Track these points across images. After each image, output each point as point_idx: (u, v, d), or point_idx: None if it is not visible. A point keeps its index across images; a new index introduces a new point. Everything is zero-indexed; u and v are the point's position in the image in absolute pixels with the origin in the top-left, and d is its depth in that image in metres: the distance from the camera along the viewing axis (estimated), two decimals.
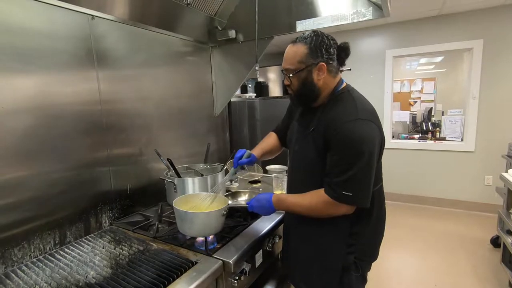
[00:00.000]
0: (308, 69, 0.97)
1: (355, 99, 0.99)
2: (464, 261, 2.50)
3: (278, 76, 5.12)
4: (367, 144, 0.91)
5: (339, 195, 0.93)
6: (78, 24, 1.24)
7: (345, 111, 0.96)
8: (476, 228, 3.12)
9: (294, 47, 0.99)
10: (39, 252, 1.11)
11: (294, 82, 1.00)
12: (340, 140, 0.92)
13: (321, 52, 0.96)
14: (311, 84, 0.99)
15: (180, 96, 1.85)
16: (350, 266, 1.03)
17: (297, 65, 0.98)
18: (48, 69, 1.14)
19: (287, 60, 1.01)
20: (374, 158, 0.93)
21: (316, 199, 0.98)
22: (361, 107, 0.97)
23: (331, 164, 0.95)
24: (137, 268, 0.93)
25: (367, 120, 0.93)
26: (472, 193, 3.56)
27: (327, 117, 0.99)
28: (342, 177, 0.91)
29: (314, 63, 0.96)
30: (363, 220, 1.03)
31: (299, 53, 0.97)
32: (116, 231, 1.25)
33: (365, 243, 1.06)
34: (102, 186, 1.37)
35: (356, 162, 0.90)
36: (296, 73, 0.98)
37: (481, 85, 3.38)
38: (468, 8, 3.25)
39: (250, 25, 1.87)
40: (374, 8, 1.58)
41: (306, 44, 0.96)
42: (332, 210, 0.97)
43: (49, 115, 1.14)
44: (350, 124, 0.92)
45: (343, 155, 0.92)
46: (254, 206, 1.11)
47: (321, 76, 0.98)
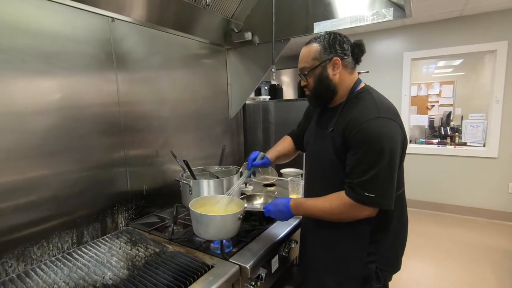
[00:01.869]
0: (323, 65, 0.98)
1: (375, 98, 0.97)
2: (489, 273, 2.38)
3: (292, 79, 5.10)
4: (388, 142, 0.88)
5: (361, 197, 0.89)
6: (99, 27, 1.26)
7: (365, 110, 0.93)
8: (500, 238, 2.97)
9: (308, 46, 1.02)
10: (58, 251, 1.12)
11: (310, 80, 1.02)
12: (360, 139, 0.89)
13: (334, 47, 0.98)
14: (327, 79, 0.99)
15: (196, 98, 1.85)
16: (371, 276, 0.99)
17: (311, 63, 0.99)
18: (71, 71, 1.16)
19: (301, 59, 1.03)
20: (397, 157, 0.90)
21: (337, 202, 0.95)
22: (382, 105, 0.94)
23: (351, 164, 0.92)
24: (153, 270, 0.92)
25: (388, 119, 0.90)
26: (496, 201, 3.40)
27: (346, 116, 0.96)
28: (364, 177, 0.88)
29: (328, 58, 0.98)
30: (384, 227, 0.99)
31: (313, 51, 0.99)
32: (132, 232, 1.25)
33: (386, 251, 1.01)
34: (119, 186, 1.38)
35: (378, 161, 0.87)
36: (311, 70, 1.00)
37: (505, 88, 3.24)
38: (492, 9, 3.13)
39: (266, 27, 1.86)
40: (395, 9, 1.53)
41: (317, 42, 0.99)
42: (354, 212, 0.92)
43: (70, 116, 1.16)
44: (370, 122, 0.89)
45: (363, 154, 0.89)
46: (271, 211, 1.09)
47: (336, 71, 0.99)
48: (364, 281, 0.99)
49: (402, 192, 1.04)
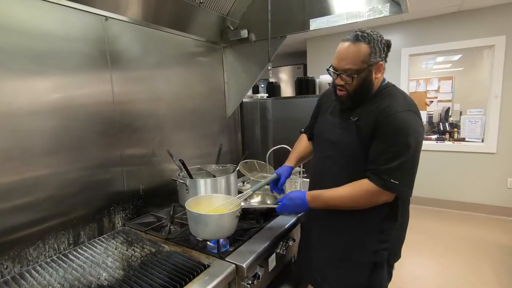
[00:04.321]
0: (369, 69, 0.96)
1: (402, 92, 1.03)
2: (488, 268, 2.38)
3: (290, 76, 5.08)
4: (415, 135, 0.93)
5: (386, 182, 0.93)
6: (93, 26, 1.25)
7: (396, 103, 0.97)
8: (499, 233, 2.98)
9: (355, 46, 0.95)
10: (54, 252, 1.12)
11: (354, 82, 0.98)
12: (392, 129, 0.93)
13: (380, 51, 0.96)
14: (370, 83, 0.99)
15: (193, 96, 1.84)
16: (382, 263, 1.02)
17: (360, 65, 0.95)
18: (64, 71, 1.15)
19: (348, 59, 0.96)
20: (420, 150, 0.96)
21: (358, 189, 0.97)
22: (409, 100, 0.99)
23: (378, 151, 0.95)
24: (149, 270, 0.91)
25: (416, 114, 0.96)
26: (494, 197, 3.40)
27: (377, 107, 0.98)
28: (391, 164, 0.92)
29: (375, 62, 0.96)
30: (393, 217, 1.03)
31: (362, 53, 0.94)
32: (129, 232, 1.25)
33: (394, 239, 1.06)
34: (115, 186, 1.37)
35: (405, 151, 0.92)
36: (357, 73, 0.96)
37: (503, 83, 3.23)
38: (490, 4, 3.11)
39: (262, 25, 1.85)
40: (391, 4, 1.52)
41: (367, 43, 0.94)
42: (375, 199, 0.96)
43: (65, 116, 1.15)
44: (402, 114, 0.93)
45: (393, 143, 0.93)
46: (287, 205, 1.07)
47: (378, 75, 0.99)
48: (374, 267, 1.02)
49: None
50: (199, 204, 1.17)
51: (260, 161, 2.11)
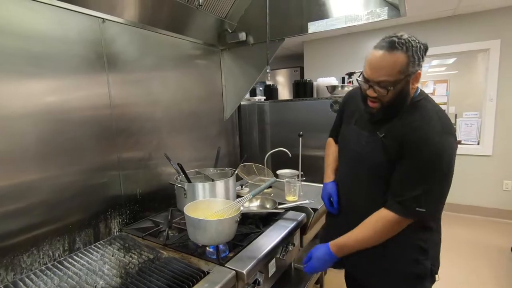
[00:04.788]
0: (407, 79, 0.87)
1: (435, 107, 0.93)
2: (486, 271, 2.39)
3: (287, 79, 5.09)
4: (448, 160, 0.86)
5: (412, 211, 0.88)
6: (89, 28, 1.23)
7: (427, 121, 0.89)
8: (495, 235, 2.99)
9: (392, 55, 0.85)
10: (48, 258, 1.09)
11: (389, 94, 0.88)
12: (423, 155, 0.86)
13: (418, 59, 0.87)
14: (407, 94, 0.90)
15: (190, 99, 1.83)
16: (426, 274, 0.99)
17: (396, 76, 0.86)
18: (60, 73, 1.13)
19: (383, 70, 0.86)
20: (452, 174, 0.89)
21: (381, 226, 0.93)
22: (443, 119, 0.90)
23: (405, 176, 0.90)
24: (147, 278, 0.89)
25: (450, 135, 0.87)
26: (490, 199, 3.42)
27: (405, 123, 0.91)
28: (417, 191, 0.87)
29: (413, 72, 0.87)
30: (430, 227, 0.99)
31: (399, 63, 0.85)
32: (126, 237, 1.22)
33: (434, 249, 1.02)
34: (112, 190, 1.35)
35: (436, 177, 0.87)
36: (394, 84, 0.87)
37: (498, 86, 3.26)
38: (485, 8, 3.15)
39: (260, 27, 1.84)
40: (389, 8, 1.53)
41: (404, 51, 0.84)
42: (398, 227, 0.92)
43: (60, 119, 1.13)
44: (434, 137, 0.86)
45: (422, 168, 0.87)
46: (317, 267, 1.03)
47: (415, 85, 0.91)
48: (418, 279, 0.98)
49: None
50: (197, 209, 1.15)
51: (258, 165, 2.10)
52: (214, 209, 1.18)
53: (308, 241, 1.65)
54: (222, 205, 1.19)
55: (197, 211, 1.13)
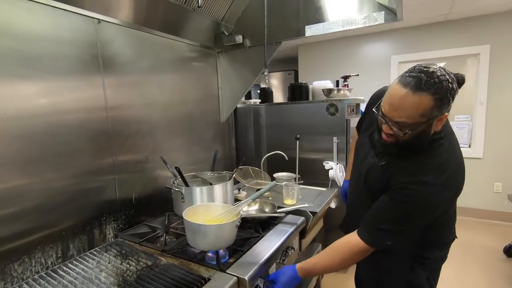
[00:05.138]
0: (429, 123, 0.78)
1: (443, 153, 0.85)
2: (479, 272, 2.42)
3: (281, 82, 5.10)
4: (427, 212, 0.86)
5: (379, 243, 0.90)
6: (85, 29, 1.20)
7: (426, 166, 0.84)
8: (487, 236, 3.04)
9: (416, 97, 0.74)
10: (41, 267, 1.05)
11: (406, 136, 0.80)
12: (405, 198, 0.84)
13: (448, 102, 0.76)
14: (427, 135, 0.81)
15: (186, 102, 1.81)
16: (423, 284, 1.00)
17: (417, 119, 0.77)
18: (54, 75, 1.10)
19: (402, 111, 0.77)
20: (428, 221, 0.89)
21: (348, 253, 0.94)
22: (446, 165, 0.84)
23: (382, 209, 0.90)
24: (146, 285, 0.86)
25: (444, 187, 0.82)
26: (481, 201, 3.48)
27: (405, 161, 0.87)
28: (389, 227, 0.87)
29: (438, 115, 0.77)
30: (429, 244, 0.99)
31: (423, 106, 0.74)
32: (122, 244, 1.19)
33: (433, 261, 1.03)
34: (107, 195, 1.31)
35: (411, 222, 0.87)
36: (414, 128, 0.78)
37: (488, 90, 3.33)
38: (475, 14, 3.22)
39: (257, 30, 1.84)
40: (386, 12, 1.54)
41: (431, 94, 0.73)
42: (365, 255, 0.93)
43: (54, 122, 1.10)
44: (420, 187, 0.82)
45: (401, 212, 0.86)
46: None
47: (439, 126, 0.82)
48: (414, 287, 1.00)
49: (453, 210, 1.00)
50: (196, 214, 1.13)
51: (255, 168, 2.09)
52: (213, 214, 1.16)
53: (307, 245, 1.64)
54: (222, 209, 1.17)
55: (196, 216, 1.11)
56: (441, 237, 1.00)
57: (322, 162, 2.17)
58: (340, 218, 2.26)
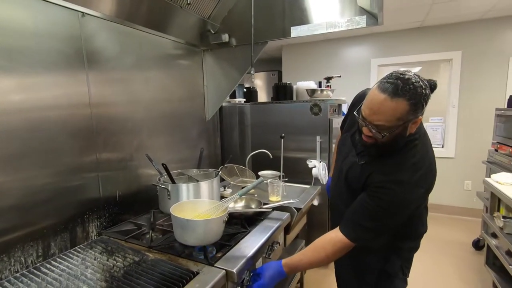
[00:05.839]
0: (405, 126, 0.85)
1: (417, 154, 0.92)
2: (449, 264, 2.57)
3: (265, 82, 5.15)
4: (403, 209, 0.92)
5: (360, 239, 0.95)
6: (69, 22, 1.17)
7: (401, 166, 0.91)
8: (457, 232, 3.23)
9: (393, 102, 0.80)
10: (20, 266, 1.01)
11: (384, 138, 0.87)
12: (382, 196, 0.91)
13: (422, 106, 0.83)
14: (403, 137, 0.89)
15: (171, 99, 1.80)
16: (396, 271, 1.07)
17: (394, 122, 0.83)
18: (36, 69, 1.06)
19: (380, 115, 0.83)
20: (406, 216, 0.95)
21: (331, 248, 0.98)
22: (419, 165, 0.91)
23: (362, 207, 0.95)
24: (134, 281, 0.86)
25: (416, 186, 0.90)
26: (453, 198, 3.69)
27: (383, 161, 0.94)
28: (368, 224, 0.94)
29: (413, 118, 0.84)
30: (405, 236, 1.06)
31: (400, 111, 0.81)
32: (107, 241, 1.17)
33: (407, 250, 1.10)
34: (90, 193, 1.29)
35: (387, 219, 0.93)
36: (392, 131, 0.85)
37: (460, 94, 3.54)
38: (449, 21, 3.41)
39: (243, 30, 1.86)
40: (368, 16, 1.61)
41: (407, 99, 0.80)
42: (347, 250, 0.99)
43: (34, 118, 1.06)
44: (396, 186, 0.89)
45: (379, 209, 0.92)
46: (267, 285, 1.03)
47: (413, 129, 0.89)
48: (388, 276, 1.06)
49: (424, 205, 1.08)
50: (183, 210, 1.14)
51: (240, 166, 2.11)
52: (200, 210, 1.17)
53: (291, 240, 1.68)
54: (209, 205, 1.18)
55: (183, 212, 1.11)
56: (414, 229, 1.07)
57: (305, 160, 2.23)
58: (322, 215, 2.33)
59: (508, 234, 1.81)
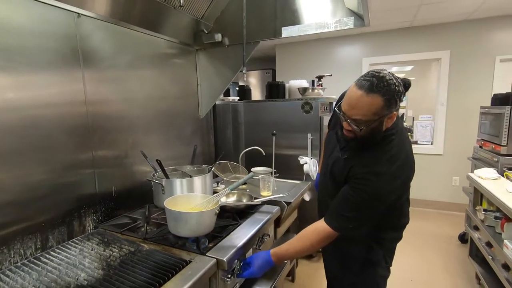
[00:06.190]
0: (381, 120, 0.92)
1: (394, 147, 0.98)
2: (436, 257, 2.66)
3: (259, 81, 5.20)
4: (383, 199, 0.98)
5: (342, 228, 1.01)
6: (64, 22, 1.21)
7: (379, 159, 0.97)
8: (445, 226, 3.33)
9: (369, 97, 0.87)
10: (20, 257, 1.06)
11: (362, 131, 0.94)
12: (362, 187, 0.96)
13: (395, 102, 0.90)
14: (379, 132, 0.95)
15: (166, 98, 1.84)
16: (379, 260, 1.13)
17: (371, 117, 0.90)
18: (33, 67, 1.10)
19: (358, 109, 0.90)
20: (385, 205, 1.00)
21: (316, 238, 1.04)
22: (396, 157, 0.97)
23: (344, 198, 1.01)
24: (130, 268, 0.92)
25: (394, 177, 0.96)
26: (441, 194, 3.80)
27: (363, 155, 1.00)
28: (350, 214, 0.99)
29: (388, 113, 0.91)
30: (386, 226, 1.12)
31: (375, 106, 0.88)
32: (104, 233, 1.22)
33: (389, 241, 1.16)
34: (86, 188, 1.33)
35: (366, 209, 0.98)
36: (368, 125, 0.92)
37: (448, 92, 3.63)
38: (437, 21, 3.50)
39: (236, 30, 1.91)
40: (355, 18, 1.67)
41: (381, 95, 0.87)
42: (330, 239, 1.04)
43: (32, 115, 1.10)
44: (375, 177, 0.95)
45: (358, 199, 0.98)
46: (255, 274, 1.09)
47: (389, 123, 0.96)
48: (371, 264, 1.12)
49: (406, 197, 1.13)
50: (177, 204, 1.19)
51: (233, 163, 2.16)
52: (193, 203, 1.22)
53: (282, 234, 1.74)
54: (201, 199, 1.24)
55: (177, 206, 1.17)
56: (396, 221, 1.14)
57: (297, 157, 2.29)
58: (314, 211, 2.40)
59: (489, 227, 1.89)
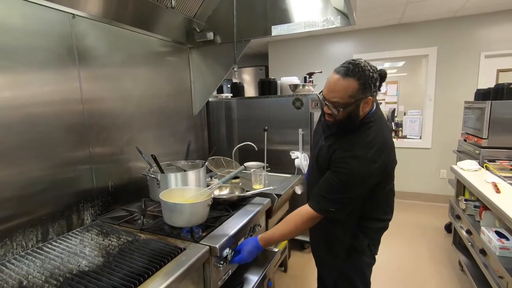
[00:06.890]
0: (357, 103, 0.99)
1: (372, 133, 1.05)
2: (422, 246, 2.78)
3: (252, 77, 5.25)
4: (361, 182, 1.04)
5: (324, 210, 1.08)
6: (59, 23, 1.25)
7: (358, 143, 1.04)
8: (432, 217, 3.45)
9: (345, 81, 0.96)
10: (22, 248, 1.11)
11: (340, 114, 1.01)
12: (340, 171, 1.04)
13: (370, 87, 0.98)
14: (356, 116, 1.02)
15: (160, 95, 1.89)
16: (363, 248, 1.20)
17: (347, 100, 0.98)
18: (30, 66, 1.15)
19: (335, 92, 0.99)
20: (365, 190, 1.07)
21: (300, 220, 1.12)
22: (374, 142, 1.04)
23: (326, 181, 1.08)
24: (128, 256, 0.98)
25: (371, 161, 1.02)
26: (429, 186, 3.92)
27: (344, 141, 1.07)
28: (331, 196, 1.06)
29: (363, 97, 0.98)
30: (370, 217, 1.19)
31: (351, 89, 0.96)
32: (102, 225, 1.28)
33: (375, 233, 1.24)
34: (84, 183, 1.38)
35: (346, 191, 1.05)
36: (344, 106, 0.99)
37: (436, 88, 3.74)
38: (424, 19, 3.59)
39: (227, 28, 1.96)
40: (342, 17, 1.74)
41: (356, 79, 0.96)
42: (314, 222, 1.12)
43: (30, 113, 1.15)
44: (353, 162, 1.02)
45: (338, 182, 1.04)
46: (246, 259, 1.16)
47: (366, 108, 1.03)
48: (355, 251, 1.19)
49: (390, 188, 1.22)
50: (172, 196, 1.25)
51: (226, 158, 2.23)
52: (187, 196, 1.29)
53: (273, 225, 1.82)
54: (195, 191, 1.31)
55: (171, 198, 1.23)
56: (380, 211, 1.22)
57: (289, 152, 2.36)
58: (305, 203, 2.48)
59: (469, 215, 2.00)
